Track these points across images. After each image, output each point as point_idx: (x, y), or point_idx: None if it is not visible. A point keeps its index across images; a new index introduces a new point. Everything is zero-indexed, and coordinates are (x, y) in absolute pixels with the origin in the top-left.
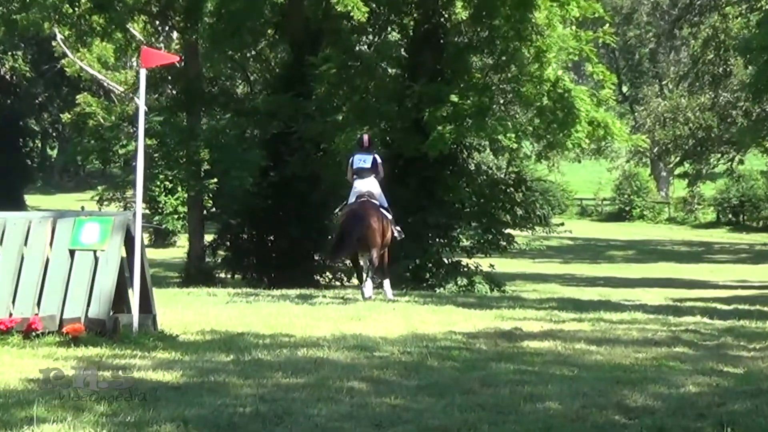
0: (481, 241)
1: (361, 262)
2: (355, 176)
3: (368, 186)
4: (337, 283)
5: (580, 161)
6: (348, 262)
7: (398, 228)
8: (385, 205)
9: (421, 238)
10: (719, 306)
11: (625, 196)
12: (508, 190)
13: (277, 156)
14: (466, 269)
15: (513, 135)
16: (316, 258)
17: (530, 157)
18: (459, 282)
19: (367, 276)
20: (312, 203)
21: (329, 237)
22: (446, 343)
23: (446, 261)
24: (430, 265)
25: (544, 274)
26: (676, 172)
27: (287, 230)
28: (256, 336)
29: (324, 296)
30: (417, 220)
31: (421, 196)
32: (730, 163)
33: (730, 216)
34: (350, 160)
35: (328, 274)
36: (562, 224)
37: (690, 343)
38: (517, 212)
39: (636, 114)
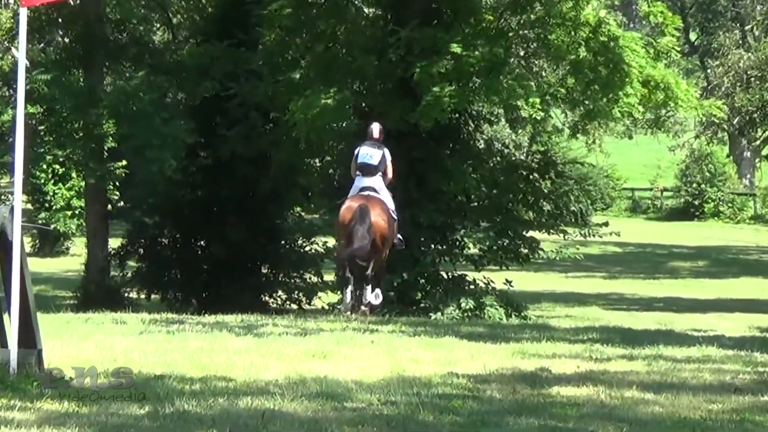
0: (494, 247)
1: (352, 288)
2: (358, 173)
3: (372, 183)
4: (294, 307)
5: (631, 137)
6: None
7: (400, 236)
8: (392, 206)
9: (410, 244)
10: None
11: (694, 185)
12: (530, 177)
13: (209, 129)
14: (472, 287)
15: (537, 100)
16: (265, 271)
17: (562, 132)
18: (463, 304)
19: (355, 290)
20: (259, 194)
21: (337, 243)
22: (445, 389)
23: (445, 275)
24: (423, 281)
25: (581, 293)
26: (765, 151)
27: (224, 232)
28: (180, 380)
29: (275, 325)
30: (404, 219)
31: (409, 185)
32: None
33: None
34: (356, 153)
35: (281, 293)
36: (606, 224)
37: None
38: (543, 208)
39: (709, 71)
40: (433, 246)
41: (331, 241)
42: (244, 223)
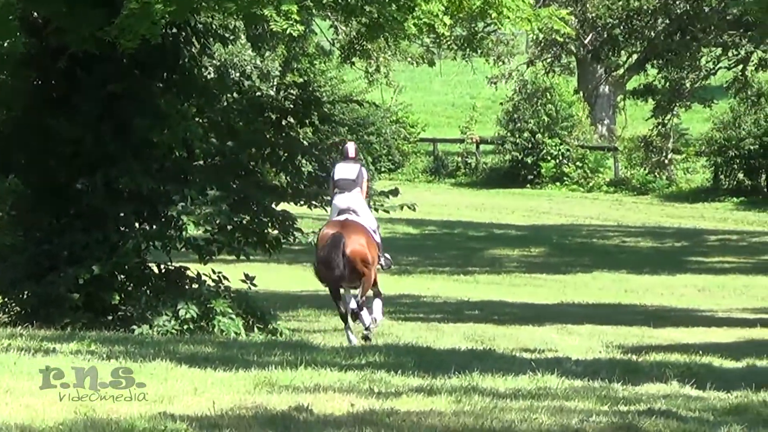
0: (228, 227)
1: (342, 307)
2: (336, 190)
3: (351, 201)
4: None
5: (433, 64)
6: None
7: (387, 255)
8: (374, 225)
9: (104, 223)
10: (719, 361)
11: (525, 135)
12: (283, 123)
13: None
14: (196, 286)
15: (294, 7)
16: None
17: (330, 55)
18: (182, 312)
19: (352, 318)
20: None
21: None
22: None
23: (156, 269)
24: (123, 277)
25: None
26: (631, 85)
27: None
28: None
29: None
30: (95, 183)
31: (103, 134)
32: (738, 66)
33: (739, 177)
34: (332, 173)
35: None
36: (395, 192)
37: None
38: (302, 168)
39: None
40: (137, 225)
41: None
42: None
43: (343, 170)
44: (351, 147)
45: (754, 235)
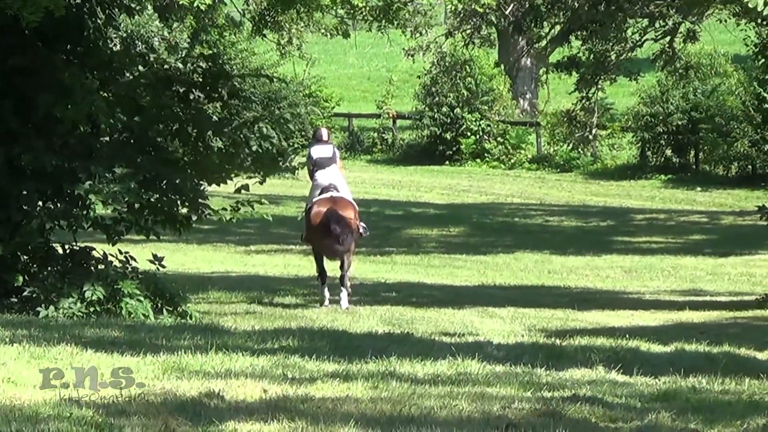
0: (136, 205)
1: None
2: (315, 167)
3: (332, 177)
4: None
5: (348, 35)
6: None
7: (363, 224)
8: (351, 197)
9: (5, 202)
10: (647, 345)
11: (444, 109)
12: (191, 97)
13: None
14: (102, 267)
15: None
16: None
17: (241, 26)
18: (88, 294)
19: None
20: None
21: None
22: (60, 425)
23: (61, 250)
24: (27, 258)
25: (271, 277)
26: (554, 57)
27: None
28: None
29: None
30: None
31: (5, 110)
32: (665, 38)
33: (667, 153)
34: (308, 154)
35: None
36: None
37: (580, 427)
38: (211, 144)
39: None
40: (41, 204)
41: None
42: None
43: (320, 150)
44: (324, 131)
45: (683, 214)
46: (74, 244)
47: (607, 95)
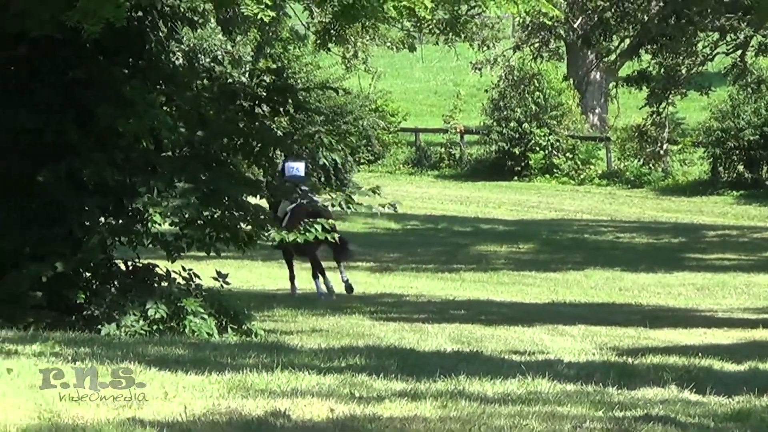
0: (198, 222)
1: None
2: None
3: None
4: None
5: (414, 49)
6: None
7: None
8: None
9: (65, 217)
10: (720, 363)
11: (512, 124)
12: (256, 111)
13: None
14: (165, 284)
15: None
16: None
17: (305, 40)
18: (151, 311)
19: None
20: None
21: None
22: None
23: (123, 266)
24: (88, 275)
25: (337, 294)
26: (624, 71)
27: None
28: None
29: None
30: (54, 175)
31: (66, 123)
32: (737, 52)
33: (739, 169)
34: (281, 168)
35: None
36: (377, 191)
37: None
38: (275, 160)
39: None
40: (102, 220)
41: None
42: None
43: (293, 167)
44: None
45: (755, 231)
46: (137, 260)
47: (678, 110)
